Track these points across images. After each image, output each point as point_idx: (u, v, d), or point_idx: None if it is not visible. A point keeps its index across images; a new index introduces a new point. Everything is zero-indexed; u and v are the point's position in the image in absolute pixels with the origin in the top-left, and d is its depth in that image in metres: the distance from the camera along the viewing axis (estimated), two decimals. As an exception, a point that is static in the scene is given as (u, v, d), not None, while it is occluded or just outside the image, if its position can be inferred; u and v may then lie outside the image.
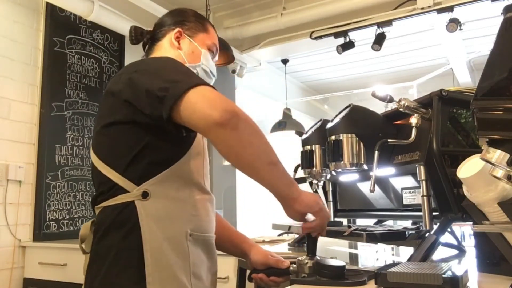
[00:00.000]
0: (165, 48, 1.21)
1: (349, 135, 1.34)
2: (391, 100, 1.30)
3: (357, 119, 1.38)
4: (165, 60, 1.08)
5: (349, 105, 1.41)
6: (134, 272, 0.94)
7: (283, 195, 0.97)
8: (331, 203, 1.87)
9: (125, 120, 0.99)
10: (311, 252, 1.05)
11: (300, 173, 1.64)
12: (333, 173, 1.56)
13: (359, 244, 1.86)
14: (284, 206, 0.99)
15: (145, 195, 0.96)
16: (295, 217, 1.01)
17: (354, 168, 1.35)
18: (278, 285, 1.17)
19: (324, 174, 1.48)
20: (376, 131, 1.34)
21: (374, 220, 1.82)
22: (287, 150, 3.12)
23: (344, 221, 1.85)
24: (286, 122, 4.75)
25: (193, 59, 1.22)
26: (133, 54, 3.62)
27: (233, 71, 3.99)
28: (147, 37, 1.25)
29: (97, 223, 1.01)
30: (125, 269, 0.94)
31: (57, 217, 2.87)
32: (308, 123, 5.31)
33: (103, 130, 1.04)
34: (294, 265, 1.10)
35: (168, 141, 1.00)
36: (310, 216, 1.02)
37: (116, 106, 1.01)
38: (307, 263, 1.04)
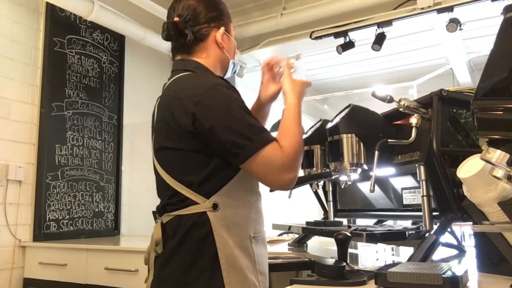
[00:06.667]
0: (211, 48, 1.22)
1: (349, 135, 1.34)
2: (391, 100, 1.30)
3: (357, 119, 1.38)
4: (226, 101, 1.09)
5: (349, 105, 1.41)
6: (210, 274, 1.04)
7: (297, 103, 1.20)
8: (331, 203, 1.87)
9: (191, 149, 1.08)
10: None
11: (301, 174, 1.64)
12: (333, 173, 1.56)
13: (359, 244, 1.86)
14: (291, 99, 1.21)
15: (215, 206, 1.07)
16: (297, 89, 1.21)
17: (354, 168, 1.34)
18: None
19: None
20: (376, 131, 1.33)
21: (374, 220, 1.82)
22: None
23: (344, 221, 1.85)
24: (286, 122, 4.74)
25: (232, 55, 1.29)
26: (133, 54, 3.62)
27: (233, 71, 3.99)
28: (191, 38, 1.19)
29: (172, 229, 1.09)
30: (203, 272, 1.05)
31: (57, 217, 2.87)
32: (308, 123, 5.30)
33: (170, 151, 1.12)
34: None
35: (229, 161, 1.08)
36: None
37: (181, 134, 1.08)
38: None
